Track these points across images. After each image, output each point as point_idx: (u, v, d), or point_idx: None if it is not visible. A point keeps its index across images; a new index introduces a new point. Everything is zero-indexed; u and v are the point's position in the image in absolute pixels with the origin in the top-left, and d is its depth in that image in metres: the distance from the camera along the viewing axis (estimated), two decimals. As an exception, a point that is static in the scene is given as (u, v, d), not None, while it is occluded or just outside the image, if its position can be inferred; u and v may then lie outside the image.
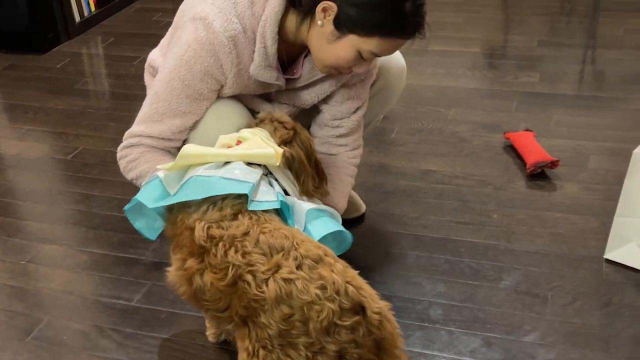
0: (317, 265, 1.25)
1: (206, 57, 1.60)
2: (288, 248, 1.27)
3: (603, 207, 2.12)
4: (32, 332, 1.77)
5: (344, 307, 1.21)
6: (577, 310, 1.75)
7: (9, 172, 2.49)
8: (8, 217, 2.23)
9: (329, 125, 1.84)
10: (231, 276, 1.27)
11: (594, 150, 2.43)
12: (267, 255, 1.27)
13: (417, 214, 2.14)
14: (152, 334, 1.73)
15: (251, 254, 1.27)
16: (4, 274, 1.98)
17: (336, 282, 1.23)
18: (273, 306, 1.22)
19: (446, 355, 1.64)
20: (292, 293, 1.22)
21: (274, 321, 1.22)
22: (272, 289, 1.23)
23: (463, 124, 2.65)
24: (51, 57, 3.40)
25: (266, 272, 1.25)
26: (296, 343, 1.21)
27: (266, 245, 1.28)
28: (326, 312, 1.20)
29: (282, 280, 1.23)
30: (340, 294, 1.22)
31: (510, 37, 3.44)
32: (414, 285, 1.86)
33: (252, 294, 1.24)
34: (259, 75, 1.66)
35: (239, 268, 1.27)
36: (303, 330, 1.21)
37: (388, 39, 1.56)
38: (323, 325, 1.20)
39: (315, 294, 1.21)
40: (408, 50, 1.71)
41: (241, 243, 1.29)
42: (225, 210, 1.35)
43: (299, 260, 1.25)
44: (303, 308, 1.21)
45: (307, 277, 1.23)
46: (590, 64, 3.11)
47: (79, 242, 2.10)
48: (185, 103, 1.65)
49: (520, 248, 1.98)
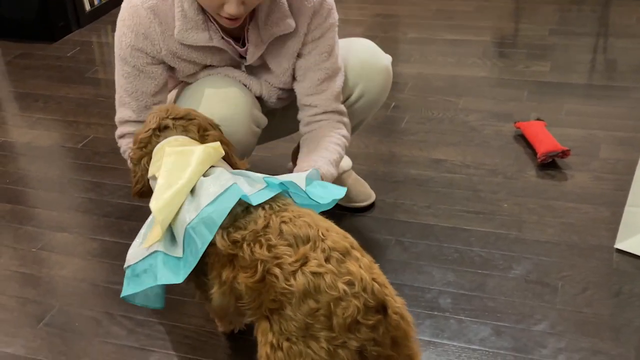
0: (345, 259, 1.24)
1: (128, 33, 1.66)
2: (314, 238, 1.25)
3: (614, 196, 2.12)
4: (44, 319, 1.78)
5: (369, 305, 1.21)
6: (588, 300, 1.75)
7: (20, 160, 2.50)
8: (19, 205, 2.25)
9: (306, 104, 1.80)
10: (260, 272, 1.25)
11: (605, 139, 2.42)
12: (293, 246, 1.25)
13: (427, 203, 2.14)
14: (163, 320, 1.74)
15: (277, 247, 1.25)
16: (16, 261, 1.99)
17: (364, 279, 1.21)
18: (300, 300, 1.21)
19: (456, 343, 1.65)
20: (321, 288, 1.20)
21: (300, 314, 1.21)
22: (300, 283, 1.21)
23: (473, 113, 2.64)
24: (61, 46, 3.41)
25: (294, 263, 1.23)
26: (318, 336, 1.20)
27: (291, 236, 1.26)
28: (351, 310, 1.19)
29: (311, 274, 1.21)
30: (366, 291, 1.21)
31: (521, 25, 3.42)
32: (423, 274, 1.86)
33: (280, 287, 1.22)
34: (184, 39, 1.66)
35: (266, 263, 1.25)
36: (327, 325, 1.20)
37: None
38: (347, 322, 1.19)
39: (343, 290, 1.20)
40: (418, 39, 1.70)
41: (264, 237, 1.27)
42: (234, 210, 1.32)
43: (327, 253, 1.23)
44: (330, 304, 1.19)
45: (336, 272, 1.21)
46: (601, 53, 3.10)
47: (90, 229, 2.11)
48: (130, 81, 1.71)
49: (531, 237, 1.97)
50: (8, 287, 1.89)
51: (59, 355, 1.67)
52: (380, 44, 3.29)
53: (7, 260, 2.00)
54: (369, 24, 3.54)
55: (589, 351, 1.60)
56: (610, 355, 1.59)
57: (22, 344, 1.71)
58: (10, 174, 2.42)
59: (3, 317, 1.80)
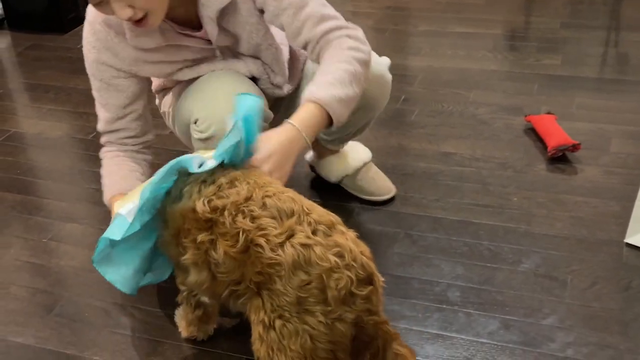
0: (331, 233, 1.24)
1: (90, 49, 1.74)
2: (298, 212, 1.25)
3: (624, 191, 2.11)
4: (54, 309, 1.79)
5: (360, 277, 1.21)
6: (596, 294, 1.75)
7: (30, 151, 2.51)
8: (29, 195, 2.26)
9: (303, 48, 1.71)
10: (243, 241, 1.24)
11: (616, 133, 2.41)
12: (276, 218, 1.24)
13: (437, 196, 2.14)
14: (172, 312, 1.74)
15: (260, 218, 1.25)
16: (26, 252, 2.00)
17: (353, 251, 1.22)
18: (290, 272, 1.20)
19: (464, 337, 1.65)
20: (311, 259, 1.20)
21: (291, 288, 1.20)
22: (289, 254, 1.20)
23: (483, 107, 2.63)
24: (72, 38, 3.42)
25: (279, 235, 1.22)
26: (314, 311, 1.20)
27: (275, 209, 1.25)
28: (345, 281, 1.19)
29: (300, 245, 1.21)
30: (357, 263, 1.21)
31: (532, 18, 3.40)
32: (432, 268, 1.86)
33: (267, 257, 1.21)
34: (138, 44, 1.68)
35: (249, 233, 1.24)
36: (321, 298, 1.19)
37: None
38: (341, 294, 1.19)
39: (335, 261, 1.20)
40: (428, 32, 1.70)
41: (247, 208, 1.26)
42: (219, 181, 1.32)
43: (313, 226, 1.23)
44: (322, 275, 1.19)
45: (324, 244, 1.21)
46: (613, 46, 3.08)
47: (99, 220, 2.11)
48: (101, 94, 1.78)
49: (540, 231, 1.97)
50: (18, 278, 1.91)
51: (68, 345, 1.68)
52: (390, 36, 3.29)
53: (18, 250, 2.01)
54: (379, 17, 3.53)
55: (597, 345, 1.60)
56: (618, 350, 1.59)
57: (32, 334, 1.72)
58: (20, 165, 2.43)
59: (13, 306, 1.81)
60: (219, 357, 1.62)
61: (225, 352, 1.63)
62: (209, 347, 1.64)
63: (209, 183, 1.33)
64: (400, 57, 3.07)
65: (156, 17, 1.57)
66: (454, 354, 1.60)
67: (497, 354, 1.59)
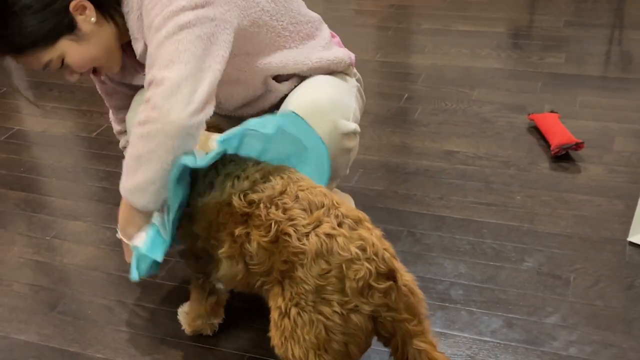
0: (357, 227, 1.27)
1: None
2: (328, 206, 1.29)
3: (628, 189, 2.11)
4: (57, 307, 1.79)
5: (380, 270, 1.23)
6: (600, 293, 1.74)
7: (34, 149, 2.52)
8: (33, 193, 2.26)
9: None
10: (274, 232, 1.28)
11: (620, 132, 2.41)
12: (307, 210, 1.28)
13: (440, 195, 2.14)
14: (175, 309, 1.75)
15: (292, 210, 1.28)
16: (30, 249, 2.00)
17: (375, 245, 1.24)
18: (312, 261, 1.23)
19: (467, 335, 1.65)
20: (333, 249, 1.23)
21: (310, 276, 1.22)
22: (313, 243, 1.23)
23: (487, 105, 2.63)
24: (76, 35, 3.42)
25: (307, 225, 1.26)
26: (330, 300, 1.22)
27: (306, 202, 1.29)
28: (363, 272, 1.21)
29: (324, 235, 1.24)
30: (378, 256, 1.23)
31: (536, 17, 3.40)
32: (435, 266, 1.86)
33: (293, 246, 1.25)
34: (117, 79, 1.75)
35: (280, 223, 1.28)
36: (338, 288, 1.21)
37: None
38: (359, 285, 1.21)
39: (356, 252, 1.22)
40: (432, 30, 1.70)
41: (281, 201, 1.30)
42: (253, 176, 1.36)
43: (340, 219, 1.27)
44: (342, 265, 1.21)
45: (348, 235, 1.24)
46: (617, 44, 3.07)
47: (103, 218, 2.12)
48: (106, 98, 1.88)
49: (543, 230, 1.97)
50: (22, 275, 1.91)
51: (71, 343, 1.68)
52: (394, 34, 3.29)
53: (21, 248, 2.01)
54: (383, 15, 3.53)
55: (600, 344, 1.60)
56: (621, 348, 1.58)
57: (35, 331, 1.72)
58: (24, 163, 2.43)
59: (17, 304, 1.81)
60: (221, 355, 1.62)
61: (227, 350, 1.63)
62: (212, 345, 1.64)
63: (243, 178, 1.37)
64: (403, 55, 3.07)
65: (107, 68, 1.61)
66: (457, 352, 1.60)
67: (500, 352, 1.59)
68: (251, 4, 1.53)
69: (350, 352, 1.25)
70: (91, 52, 1.53)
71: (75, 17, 1.47)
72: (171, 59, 1.35)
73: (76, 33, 1.49)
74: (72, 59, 1.52)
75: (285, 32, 1.63)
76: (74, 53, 1.51)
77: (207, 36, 1.39)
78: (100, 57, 1.56)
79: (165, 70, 1.35)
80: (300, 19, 1.68)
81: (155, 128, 1.33)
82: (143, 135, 1.34)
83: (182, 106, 1.32)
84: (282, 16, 1.61)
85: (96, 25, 1.51)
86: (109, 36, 1.54)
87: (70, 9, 1.46)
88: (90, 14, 1.49)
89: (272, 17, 1.59)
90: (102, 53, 1.55)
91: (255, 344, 1.64)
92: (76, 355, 1.64)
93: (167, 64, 1.36)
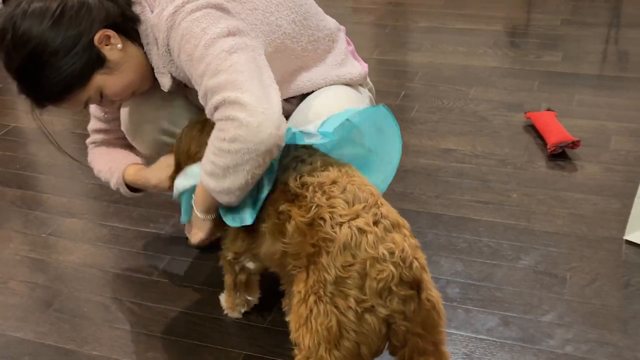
0: (393, 230, 1.26)
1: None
2: (371, 204, 1.29)
3: (624, 188, 2.11)
4: (53, 304, 1.79)
5: (404, 277, 1.22)
6: (596, 291, 1.75)
7: (30, 146, 2.51)
8: (29, 190, 2.26)
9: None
10: (312, 214, 1.29)
11: (616, 130, 2.41)
12: (349, 202, 1.28)
13: (437, 193, 2.14)
14: (171, 307, 1.75)
15: (335, 198, 1.29)
16: (26, 247, 2.00)
17: (405, 251, 1.23)
18: (338, 250, 1.23)
19: (463, 333, 1.65)
20: (361, 244, 1.22)
21: (333, 265, 1.22)
22: (344, 234, 1.23)
23: (484, 103, 2.63)
24: (72, 32, 3.41)
25: (344, 216, 1.26)
26: (347, 294, 1.21)
27: (351, 195, 1.29)
28: (386, 274, 1.20)
29: (357, 228, 1.24)
30: (405, 263, 1.22)
31: (533, 15, 3.40)
32: (432, 264, 1.86)
33: (324, 232, 1.25)
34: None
35: (320, 208, 1.29)
36: (358, 284, 1.21)
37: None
38: (379, 285, 1.20)
39: (382, 253, 1.21)
40: (429, 28, 1.70)
41: (329, 188, 1.31)
42: (315, 163, 1.38)
43: (377, 217, 1.26)
44: (366, 262, 1.21)
45: (380, 235, 1.24)
46: (613, 43, 3.08)
47: (99, 216, 2.11)
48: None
49: (540, 228, 1.97)
50: (18, 272, 1.91)
51: (67, 340, 1.68)
52: (391, 32, 3.29)
53: (17, 245, 2.01)
54: (380, 13, 3.53)
55: (596, 342, 1.60)
56: (617, 347, 1.59)
57: (31, 329, 1.72)
58: (20, 160, 2.43)
59: (13, 301, 1.81)
60: (217, 352, 1.62)
61: (224, 347, 1.63)
62: (208, 343, 1.64)
63: (307, 163, 1.39)
64: (400, 53, 3.07)
65: (141, 88, 1.60)
66: (453, 350, 1.60)
67: (496, 350, 1.59)
68: (274, 29, 1.53)
69: (361, 353, 1.24)
70: (127, 79, 1.53)
71: (102, 49, 1.46)
72: (233, 82, 1.35)
73: (107, 65, 1.48)
74: (110, 90, 1.51)
75: (304, 52, 1.62)
76: (111, 84, 1.51)
77: (253, 58, 1.41)
78: (135, 81, 1.55)
79: (234, 92, 1.34)
80: (318, 34, 1.65)
81: (246, 147, 1.33)
82: (231, 151, 1.35)
83: (269, 124, 1.33)
84: (302, 37, 1.61)
85: (123, 51, 1.50)
86: (138, 57, 1.54)
87: (95, 42, 1.45)
88: (116, 42, 1.48)
89: (292, 40, 1.58)
90: (137, 76, 1.55)
91: (252, 341, 1.64)
92: (72, 353, 1.64)
93: (232, 87, 1.35)
